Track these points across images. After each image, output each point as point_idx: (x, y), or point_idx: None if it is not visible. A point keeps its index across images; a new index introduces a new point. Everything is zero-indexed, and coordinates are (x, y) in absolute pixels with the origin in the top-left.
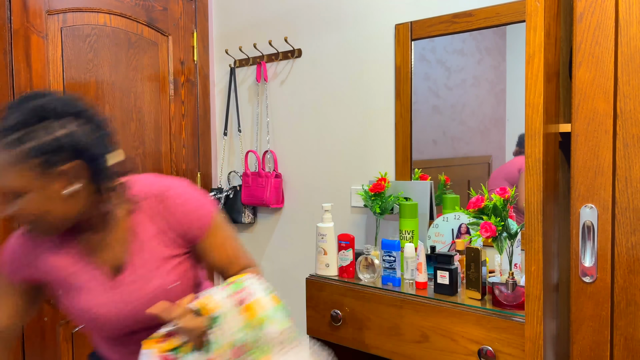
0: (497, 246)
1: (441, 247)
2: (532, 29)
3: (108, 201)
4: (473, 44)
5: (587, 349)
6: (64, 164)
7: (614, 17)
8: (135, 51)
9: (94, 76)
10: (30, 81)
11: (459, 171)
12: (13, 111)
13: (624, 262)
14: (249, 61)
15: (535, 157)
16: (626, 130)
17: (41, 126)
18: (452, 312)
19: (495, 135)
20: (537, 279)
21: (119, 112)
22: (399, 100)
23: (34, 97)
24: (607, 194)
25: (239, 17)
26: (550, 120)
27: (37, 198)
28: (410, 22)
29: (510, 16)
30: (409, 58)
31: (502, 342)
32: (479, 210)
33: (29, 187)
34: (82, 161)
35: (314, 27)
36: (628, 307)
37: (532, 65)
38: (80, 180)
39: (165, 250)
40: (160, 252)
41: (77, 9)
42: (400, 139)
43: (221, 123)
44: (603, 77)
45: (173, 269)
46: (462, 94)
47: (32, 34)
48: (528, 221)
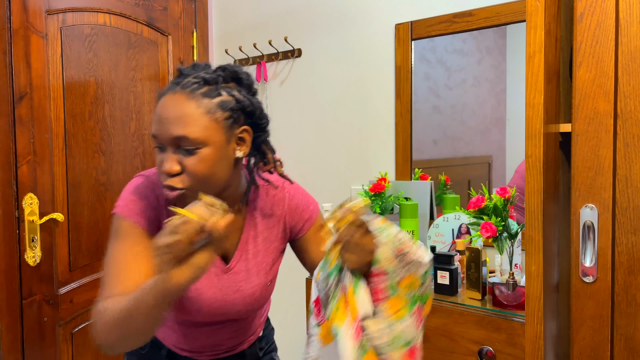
0: (498, 246)
1: (441, 247)
2: (532, 28)
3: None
4: (473, 44)
5: (587, 349)
6: (240, 126)
7: (614, 16)
8: (135, 51)
9: (93, 76)
10: (30, 81)
11: (459, 171)
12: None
13: (625, 262)
14: (249, 61)
15: (535, 157)
16: (626, 130)
17: (230, 87)
18: (452, 312)
19: (496, 135)
20: (538, 279)
21: (118, 112)
22: (399, 100)
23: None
24: (607, 194)
25: (239, 17)
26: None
27: (212, 155)
28: (411, 22)
29: (511, 16)
30: (409, 58)
31: (502, 342)
32: (479, 210)
33: (210, 139)
34: (251, 129)
35: (314, 27)
36: (628, 307)
37: (532, 65)
38: (246, 148)
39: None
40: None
41: (76, 8)
42: (400, 138)
43: None
44: (603, 77)
45: (272, 269)
46: (462, 94)
47: (32, 34)
48: (528, 221)
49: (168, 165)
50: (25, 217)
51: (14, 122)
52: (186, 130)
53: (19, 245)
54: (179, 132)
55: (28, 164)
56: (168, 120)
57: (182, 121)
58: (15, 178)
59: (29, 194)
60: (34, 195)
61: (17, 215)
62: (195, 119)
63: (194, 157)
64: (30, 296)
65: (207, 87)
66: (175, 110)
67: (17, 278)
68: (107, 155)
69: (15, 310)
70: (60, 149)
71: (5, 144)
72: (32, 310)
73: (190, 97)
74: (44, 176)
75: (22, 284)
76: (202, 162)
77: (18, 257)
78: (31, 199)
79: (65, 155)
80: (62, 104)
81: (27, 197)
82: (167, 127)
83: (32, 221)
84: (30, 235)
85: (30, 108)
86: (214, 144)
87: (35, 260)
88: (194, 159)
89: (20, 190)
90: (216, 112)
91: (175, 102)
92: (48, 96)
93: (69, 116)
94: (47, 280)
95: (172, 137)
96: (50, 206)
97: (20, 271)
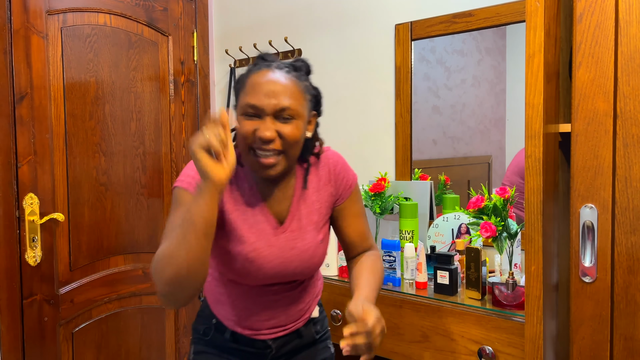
0: (497, 246)
1: (441, 247)
2: (532, 29)
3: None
4: (473, 44)
5: (587, 348)
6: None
7: (614, 17)
8: (135, 51)
9: (94, 76)
10: (30, 81)
11: (459, 171)
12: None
13: (624, 262)
14: (249, 61)
15: (535, 157)
16: (626, 130)
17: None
18: (452, 312)
19: (495, 135)
20: (537, 279)
21: (119, 112)
22: (399, 100)
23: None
24: (607, 194)
25: (239, 17)
26: (550, 120)
27: (301, 126)
28: (410, 22)
29: (510, 16)
30: (409, 58)
31: (502, 342)
32: (479, 210)
33: (302, 114)
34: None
35: (314, 27)
36: (628, 307)
37: (532, 65)
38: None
39: (322, 207)
40: (317, 209)
41: (77, 9)
42: (400, 139)
43: None
44: (603, 77)
45: (322, 228)
46: (462, 94)
47: (32, 34)
48: (528, 221)
49: (269, 132)
50: (25, 217)
51: (15, 122)
52: (290, 101)
53: (20, 245)
54: (285, 102)
55: (28, 164)
56: (275, 91)
57: (287, 93)
58: (16, 178)
59: (30, 194)
60: (35, 195)
61: (18, 215)
62: (297, 93)
63: (290, 125)
64: (30, 296)
65: (296, 72)
66: (281, 84)
67: (18, 278)
68: (108, 155)
69: (16, 310)
70: (60, 149)
71: (5, 144)
72: (33, 310)
73: (289, 76)
74: (44, 176)
75: (23, 284)
76: (296, 129)
77: (18, 257)
78: (32, 199)
79: (66, 155)
80: (62, 104)
81: (28, 197)
82: (273, 98)
83: (33, 221)
84: (30, 235)
85: (31, 108)
86: (302, 119)
87: (35, 260)
88: (290, 126)
89: (21, 190)
90: (306, 93)
91: (279, 77)
92: (48, 96)
93: (70, 116)
94: (48, 280)
95: (279, 107)
96: (51, 206)
97: (20, 271)
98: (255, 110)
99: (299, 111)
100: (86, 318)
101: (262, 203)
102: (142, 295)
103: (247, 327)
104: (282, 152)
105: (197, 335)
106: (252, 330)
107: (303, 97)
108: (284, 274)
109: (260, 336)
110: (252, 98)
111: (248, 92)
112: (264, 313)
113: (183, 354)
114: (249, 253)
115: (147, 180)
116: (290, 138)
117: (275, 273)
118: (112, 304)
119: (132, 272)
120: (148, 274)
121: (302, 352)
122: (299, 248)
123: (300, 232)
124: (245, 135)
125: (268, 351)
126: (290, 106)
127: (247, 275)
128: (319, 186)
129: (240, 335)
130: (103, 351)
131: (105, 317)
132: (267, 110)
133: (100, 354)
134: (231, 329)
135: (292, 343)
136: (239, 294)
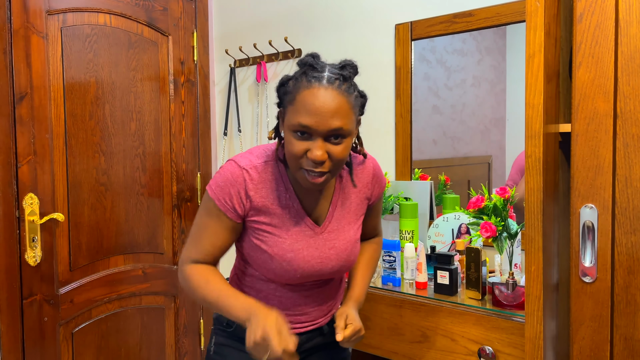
0: (497, 246)
1: (441, 247)
2: (532, 29)
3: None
4: (473, 44)
5: (587, 349)
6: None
7: (614, 17)
8: (135, 51)
9: (94, 76)
10: (31, 81)
11: (459, 171)
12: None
13: (624, 262)
14: (249, 61)
15: (535, 157)
16: (626, 130)
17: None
18: (452, 312)
19: (495, 135)
20: (537, 279)
21: (119, 112)
22: (399, 100)
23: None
24: (607, 194)
25: (239, 17)
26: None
27: (349, 143)
28: (410, 22)
29: (510, 16)
30: (409, 58)
31: (502, 342)
32: (479, 210)
33: (352, 131)
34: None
35: (314, 27)
36: (628, 307)
37: (532, 65)
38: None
39: (358, 208)
40: (354, 210)
41: (77, 9)
42: (400, 138)
43: (221, 123)
44: (603, 77)
45: (358, 228)
46: (462, 94)
47: (32, 34)
48: (528, 221)
49: (320, 153)
50: (25, 217)
51: (15, 122)
52: (342, 122)
53: (20, 245)
54: (337, 124)
55: (28, 164)
56: (328, 113)
57: (339, 114)
58: (16, 178)
59: (30, 194)
60: (35, 195)
61: (18, 215)
62: (348, 113)
63: (340, 146)
64: (30, 296)
65: (346, 84)
66: (334, 104)
67: (18, 278)
68: (107, 155)
69: (16, 310)
70: (60, 149)
71: (5, 144)
72: (33, 310)
73: (340, 93)
74: (44, 176)
75: (23, 284)
76: (345, 149)
77: (18, 257)
78: (31, 199)
79: (66, 155)
80: (62, 104)
81: (28, 197)
82: (326, 119)
83: (33, 221)
84: (30, 235)
85: (31, 108)
86: (352, 135)
87: (35, 260)
88: (341, 147)
89: (21, 190)
90: (355, 107)
91: (331, 97)
92: (48, 96)
93: (70, 116)
94: (48, 280)
95: (331, 129)
96: (51, 206)
97: (20, 271)
98: (307, 130)
99: (350, 129)
100: (86, 318)
101: (301, 204)
102: (142, 295)
103: None
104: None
105: (220, 326)
106: None
107: (353, 113)
108: (321, 273)
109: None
110: (304, 118)
111: (299, 110)
112: (296, 308)
113: (183, 354)
114: (287, 254)
115: (147, 180)
116: (339, 158)
117: (314, 272)
118: (112, 304)
119: (132, 272)
120: (148, 274)
121: (322, 350)
122: (337, 248)
123: (339, 232)
124: (296, 155)
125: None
126: (343, 127)
127: (284, 275)
128: (359, 188)
129: None
130: (103, 351)
131: (105, 317)
132: (319, 132)
133: (100, 354)
134: None
135: (314, 340)
136: (270, 290)
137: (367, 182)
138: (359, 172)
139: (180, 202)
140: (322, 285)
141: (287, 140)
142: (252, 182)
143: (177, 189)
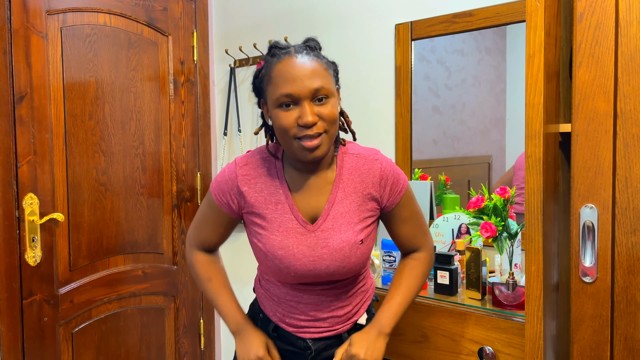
0: (497, 246)
1: (441, 247)
2: (532, 28)
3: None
4: (473, 44)
5: (587, 349)
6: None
7: (614, 17)
8: (135, 51)
9: (93, 76)
10: (31, 81)
11: (459, 171)
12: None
13: (624, 262)
14: (249, 61)
15: (535, 157)
16: (626, 130)
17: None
18: (452, 312)
19: (495, 135)
20: (537, 279)
21: (118, 111)
22: (399, 100)
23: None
24: (607, 194)
25: (239, 17)
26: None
27: (335, 104)
28: (410, 22)
29: (510, 16)
30: (409, 58)
31: (502, 342)
32: (479, 210)
33: (333, 90)
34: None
35: (314, 27)
36: (628, 307)
37: (532, 65)
38: (340, 103)
39: (360, 208)
40: (355, 209)
41: (77, 9)
42: (400, 139)
43: (221, 123)
44: (603, 77)
45: (362, 230)
46: (462, 94)
47: (32, 34)
48: (528, 221)
49: (310, 116)
50: (25, 217)
51: (15, 122)
52: (322, 81)
53: (19, 245)
54: (317, 84)
55: (28, 164)
56: (305, 76)
57: (317, 75)
58: (16, 178)
59: (29, 194)
60: (34, 195)
61: (18, 215)
62: (325, 73)
63: (327, 105)
64: (30, 296)
65: (314, 52)
66: (309, 67)
67: (18, 278)
68: (107, 155)
69: (16, 310)
70: (60, 149)
71: (5, 143)
72: (33, 310)
73: (311, 58)
74: (44, 176)
75: (23, 284)
76: (333, 108)
77: (18, 257)
78: (31, 199)
79: (66, 155)
80: (62, 104)
81: (28, 197)
82: (305, 82)
83: (33, 221)
84: (30, 235)
85: (31, 108)
86: (334, 96)
87: (35, 260)
88: (328, 106)
89: (21, 190)
90: (329, 69)
91: (304, 62)
92: (48, 96)
93: (69, 116)
94: (48, 280)
95: (312, 89)
96: (51, 206)
97: (20, 271)
98: (291, 98)
99: (331, 89)
100: (86, 318)
101: (294, 201)
102: (142, 296)
103: (290, 324)
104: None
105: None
106: (294, 327)
107: (329, 74)
108: (316, 273)
109: (302, 334)
110: (286, 87)
111: (278, 83)
112: (308, 312)
113: (183, 354)
114: (277, 250)
115: (146, 180)
116: (330, 117)
117: (307, 272)
118: (112, 304)
119: (132, 272)
120: (148, 274)
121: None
122: (330, 247)
123: (334, 231)
124: (288, 126)
125: (308, 352)
126: (324, 85)
127: (280, 273)
128: (362, 187)
129: (284, 330)
130: (103, 351)
131: (105, 317)
132: (303, 95)
133: (100, 354)
134: (275, 324)
135: (332, 348)
136: (282, 292)
137: (368, 178)
138: (353, 160)
139: (180, 202)
140: (332, 289)
141: (276, 118)
142: (245, 178)
143: (177, 189)
